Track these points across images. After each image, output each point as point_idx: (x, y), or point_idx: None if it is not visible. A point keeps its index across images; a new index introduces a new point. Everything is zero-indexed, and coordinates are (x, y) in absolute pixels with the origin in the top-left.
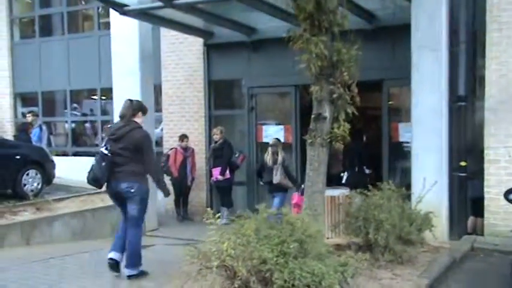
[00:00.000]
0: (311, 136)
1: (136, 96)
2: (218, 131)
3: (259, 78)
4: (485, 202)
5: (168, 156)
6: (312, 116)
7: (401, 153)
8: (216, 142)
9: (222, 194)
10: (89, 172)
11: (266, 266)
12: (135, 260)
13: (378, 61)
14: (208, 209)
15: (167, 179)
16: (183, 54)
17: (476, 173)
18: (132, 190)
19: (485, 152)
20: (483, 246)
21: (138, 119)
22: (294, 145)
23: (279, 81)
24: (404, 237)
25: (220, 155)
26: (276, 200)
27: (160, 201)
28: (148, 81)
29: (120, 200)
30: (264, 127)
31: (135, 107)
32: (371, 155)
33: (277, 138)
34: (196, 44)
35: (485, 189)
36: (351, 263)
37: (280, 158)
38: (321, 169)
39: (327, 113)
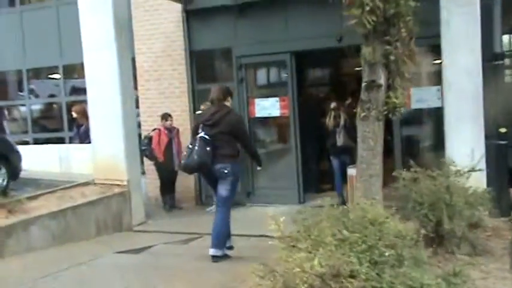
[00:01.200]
0: (363, 108)
1: (114, 72)
2: (206, 106)
3: (249, 46)
4: None
5: (150, 138)
6: (363, 84)
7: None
8: None
9: None
10: (190, 158)
11: (355, 281)
12: (221, 241)
13: None
14: None
15: (150, 164)
16: (159, 23)
17: None
18: (226, 171)
19: None
20: None
21: (228, 102)
22: (292, 119)
23: (272, 48)
24: (473, 222)
25: None
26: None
27: (143, 189)
28: (126, 55)
29: (214, 180)
30: (256, 100)
31: (225, 92)
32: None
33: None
34: (173, 10)
35: None
36: (465, 272)
37: (342, 121)
38: (377, 148)
39: (382, 79)
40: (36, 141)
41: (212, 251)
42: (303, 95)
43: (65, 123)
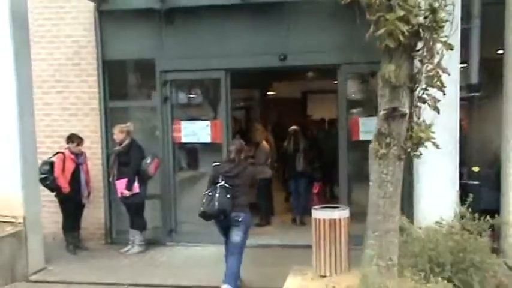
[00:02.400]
0: (381, 144)
1: (9, 79)
2: (122, 130)
3: (176, 60)
4: (509, 217)
5: (51, 164)
6: (382, 113)
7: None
8: (119, 144)
9: (131, 213)
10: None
11: None
12: (234, 278)
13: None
14: None
15: (51, 197)
16: (65, 24)
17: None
18: (240, 219)
19: None
20: None
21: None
22: (225, 147)
23: (204, 64)
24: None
25: (125, 161)
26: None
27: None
28: (25, 59)
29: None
30: (183, 124)
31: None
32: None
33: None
34: (84, 9)
35: (511, 201)
36: None
37: (301, 145)
38: (397, 195)
39: (406, 107)
40: None
41: (226, 286)
42: (238, 119)
43: None
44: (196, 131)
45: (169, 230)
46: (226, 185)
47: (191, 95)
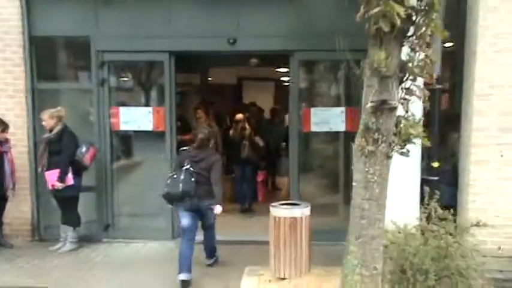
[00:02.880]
0: (368, 141)
1: None
2: (52, 115)
3: (115, 39)
4: (469, 214)
5: None
6: (369, 106)
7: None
8: (50, 131)
9: (63, 208)
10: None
11: None
12: (214, 252)
13: None
14: None
15: None
16: None
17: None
18: (212, 207)
19: (472, 150)
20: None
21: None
22: (169, 135)
23: (147, 45)
24: None
25: (57, 150)
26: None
27: None
28: None
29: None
30: (122, 110)
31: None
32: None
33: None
34: None
35: (469, 198)
36: None
37: (247, 133)
38: (383, 197)
39: (395, 99)
40: None
41: (209, 261)
42: (183, 105)
43: None
44: (136, 118)
45: (106, 225)
46: (192, 169)
47: (131, 79)
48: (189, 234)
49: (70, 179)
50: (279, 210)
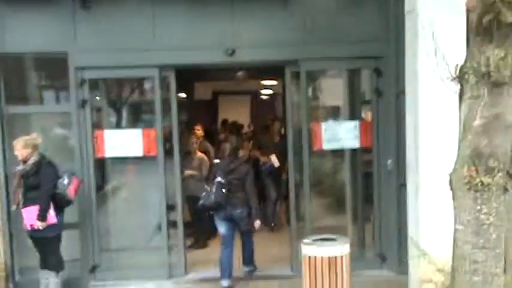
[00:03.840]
0: (479, 170)
1: None
2: (26, 144)
3: (96, 54)
4: None
5: None
6: (476, 123)
7: None
8: (23, 162)
9: (43, 251)
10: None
11: None
12: (251, 259)
13: None
14: None
15: None
16: None
17: None
18: (244, 215)
19: None
20: None
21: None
22: (161, 160)
23: (131, 59)
24: None
25: (34, 184)
26: None
27: None
28: None
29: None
30: (106, 133)
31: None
32: None
33: None
34: None
35: None
36: None
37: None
38: (500, 244)
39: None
40: None
41: (248, 268)
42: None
43: None
44: (123, 142)
45: (92, 266)
46: (222, 181)
47: (116, 98)
48: (227, 242)
49: (52, 217)
50: (313, 248)
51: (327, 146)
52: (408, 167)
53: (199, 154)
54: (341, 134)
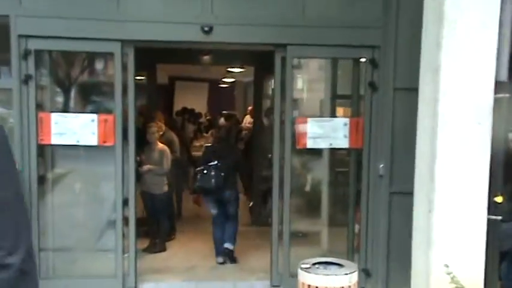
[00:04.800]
0: None
1: None
2: None
3: (46, 21)
4: None
5: None
6: None
7: None
8: None
9: None
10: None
11: None
12: (234, 239)
13: None
14: None
15: None
16: None
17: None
18: (233, 197)
19: None
20: None
21: None
22: (119, 151)
23: (88, 30)
24: None
25: None
26: None
27: None
28: None
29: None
30: (53, 117)
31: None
32: None
33: None
34: None
35: None
36: None
37: None
38: None
39: None
40: None
41: (228, 245)
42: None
43: None
44: (75, 129)
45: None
46: (219, 164)
47: (67, 76)
48: (218, 220)
49: None
50: (314, 277)
51: (311, 144)
52: (418, 179)
53: (161, 146)
54: (329, 132)
